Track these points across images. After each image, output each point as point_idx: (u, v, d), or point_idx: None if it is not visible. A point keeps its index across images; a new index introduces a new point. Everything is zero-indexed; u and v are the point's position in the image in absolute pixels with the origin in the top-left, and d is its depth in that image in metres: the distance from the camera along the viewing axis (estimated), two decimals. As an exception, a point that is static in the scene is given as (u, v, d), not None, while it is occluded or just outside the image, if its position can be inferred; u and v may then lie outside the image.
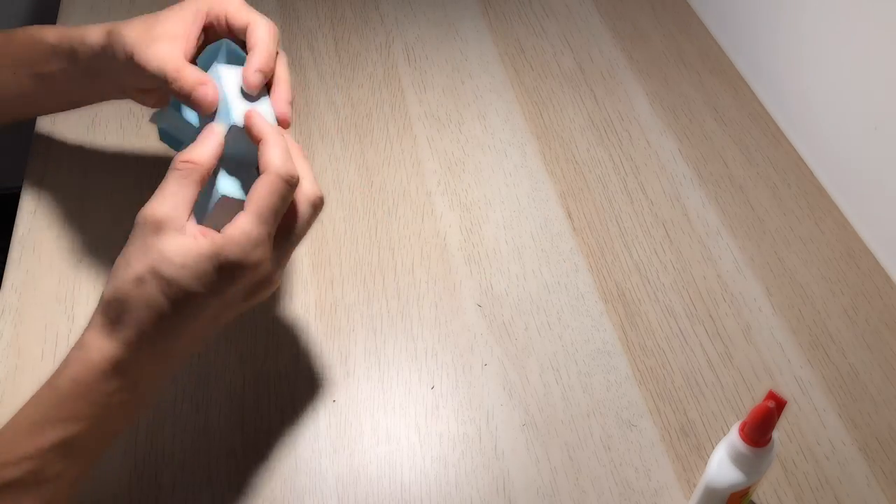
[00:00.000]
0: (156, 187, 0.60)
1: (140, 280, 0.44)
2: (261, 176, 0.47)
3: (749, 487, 0.49)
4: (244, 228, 0.46)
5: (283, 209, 0.48)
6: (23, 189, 0.71)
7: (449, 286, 0.67)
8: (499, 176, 0.76)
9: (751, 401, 0.61)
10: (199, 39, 0.56)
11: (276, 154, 0.48)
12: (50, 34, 0.60)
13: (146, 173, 0.72)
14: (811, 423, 0.60)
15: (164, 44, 0.54)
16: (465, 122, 0.81)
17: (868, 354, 0.64)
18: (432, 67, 0.86)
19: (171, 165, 0.47)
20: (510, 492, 0.55)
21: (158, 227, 0.45)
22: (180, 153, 0.48)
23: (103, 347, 0.45)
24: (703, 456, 0.57)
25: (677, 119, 0.82)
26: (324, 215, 0.71)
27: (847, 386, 0.62)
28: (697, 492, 0.51)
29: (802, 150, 0.80)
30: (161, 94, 0.62)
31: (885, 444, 0.59)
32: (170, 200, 0.46)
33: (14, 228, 0.68)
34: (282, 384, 0.60)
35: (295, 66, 0.85)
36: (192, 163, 0.47)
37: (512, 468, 0.56)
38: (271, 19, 0.57)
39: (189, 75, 0.53)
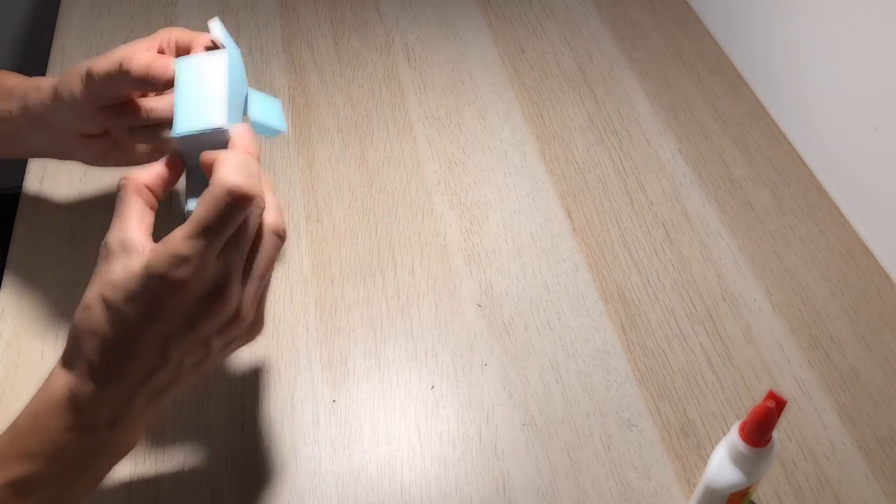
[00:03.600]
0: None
1: (86, 307, 0.43)
2: (209, 187, 0.44)
3: (749, 487, 0.49)
4: (170, 243, 0.42)
5: (224, 225, 0.43)
6: (23, 189, 0.71)
7: (449, 286, 0.67)
8: (499, 176, 0.76)
9: (751, 401, 0.61)
10: None
11: (224, 167, 0.44)
12: (10, 79, 0.60)
13: (146, 173, 0.72)
14: (811, 423, 0.60)
15: (118, 51, 0.54)
16: (465, 122, 0.81)
17: (868, 354, 0.64)
18: (432, 67, 0.86)
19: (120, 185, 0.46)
20: (510, 492, 0.55)
21: (108, 253, 0.44)
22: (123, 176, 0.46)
23: (59, 380, 0.43)
24: (703, 456, 0.57)
25: (677, 119, 0.82)
26: (324, 215, 0.71)
27: (847, 386, 0.62)
28: (697, 492, 0.51)
29: (802, 150, 0.80)
30: (106, 144, 0.61)
31: (885, 444, 0.59)
32: (115, 225, 0.45)
33: (14, 228, 0.68)
34: (282, 384, 0.60)
35: (295, 66, 0.85)
36: (123, 179, 0.46)
37: (512, 468, 0.56)
38: (271, 19, 0.57)
39: (142, 55, 0.51)
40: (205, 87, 0.49)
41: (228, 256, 0.44)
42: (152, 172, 0.47)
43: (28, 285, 0.64)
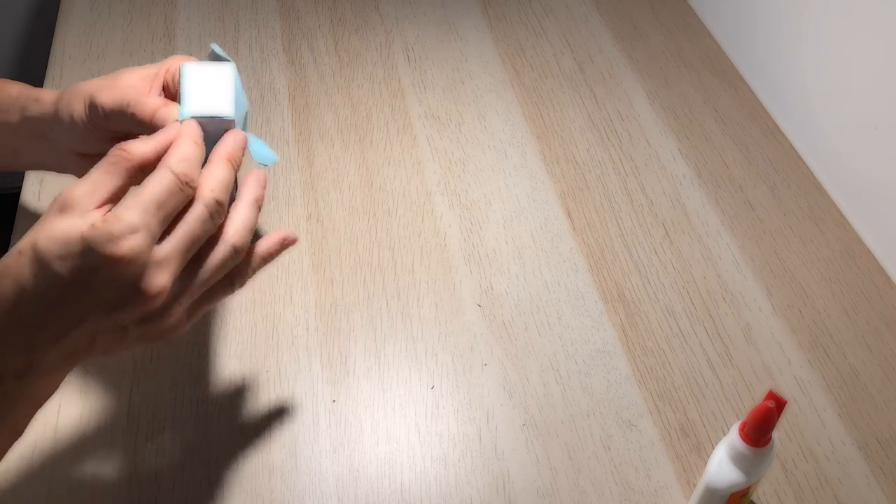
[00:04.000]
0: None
1: (18, 252, 0.42)
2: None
3: (749, 487, 0.49)
4: (116, 213, 0.42)
5: (164, 205, 0.43)
6: (23, 189, 0.71)
7: (449, 286, 0.67)
8: (499, 176, 0.76)
9: (751, 401, 0.61)
10: (160, 94, 0.55)
11: (176, 150, 0.44)
12: (12, 89, 0.59)
13: (146, 173, 0.72)
14: (811, 423, 0.60)
15: (124, 87, 0.53)
16: (465, 122, 0.81)
17: (868, 354, 0.64)
18: (432, 67, 0.86)
19: (120, 154, 0.45)
20: (510, 492, 0.55)
21: (62, 206, 0.42)
22: (140, 146, 0.45)
23: None
24: (703, 456, 0.57)
25: (677, 119, 0.82)
26: (324, 215, 0.71)
27: (847, 386, 0.62)
28: (697, 492, 0.51)
29: (802, 151, 0.80)
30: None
31: (885, 444, 0.59)
32: (86, 184, 0.43)
33: (14, 228, 0.68)
34: (281, 384, 0.60)
35: (295, 66, 0.85)
36: (124, 152, 0.44)
37: (512, 468, 0.56)
38: (271, 19, 0.57)
39: (150, 100, 0.51)
40: (212, 85, 0.49)
41: (175, 247, 0.44)
42: (155, 151, 0.46)
43: (28, 285, 0.64)
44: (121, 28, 0.87)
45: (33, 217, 0.69)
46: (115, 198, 0.44)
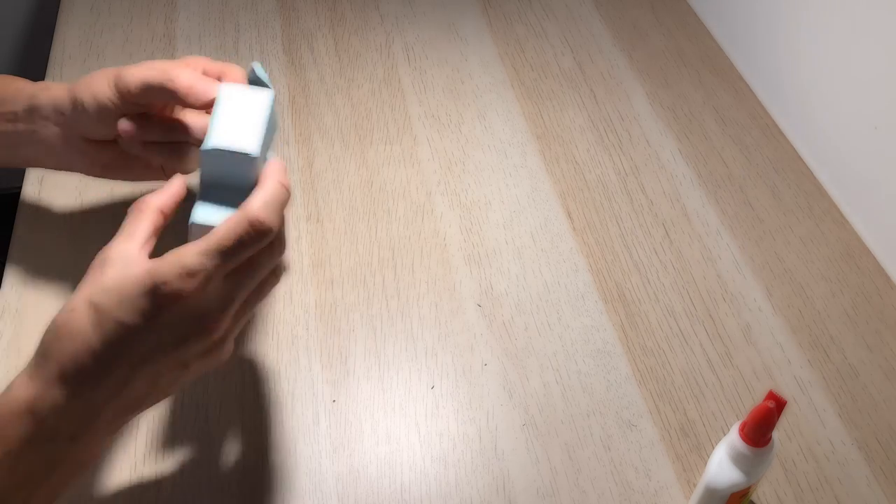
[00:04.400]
0: (155, 186, 0.59)
1: (70, 310, 0.42)
2: (236, 212, 0.44)
3: (749, 487, 0.49)
4: (181, 254, 0.42)
5: (237, 252, 0.43)
6: (23, 189, 0.71)
7: (449, 286, 0.67)
8: (499, 176, 0.76)
9: (751, 401, 0.61)
10: None
11: (258, 197, 0.44)
12: (18, 81, 0.59)
13: (146, 173, 0.72)
14: (811, 423, 0.60)
15: (153, 62, 0.54)
16: (465, 122, 0.81)
17: (868, 354, 0.64)
18: (432, 67, 0.86)
19: (136, 205, 0.47)
20: (510, 492, 0.55)
21: (104, 262, 0.43)
22: (142, 202, 0.47)
23: (22, 387, 0.42)
24: (703, 456, 0.57)
25: (677, 119, 0.82)
26: (324, 215, 0.71)
27: (847, 386, 0.62)
28: (697, 492, 0.51)
29: (802, 150, 0.80)
30: (111, 154, 0.60)
31: (885, 444, 0.59)
32: (119, 238, 0.45)
33: (14, 228, 0.68)
34: (281, 384, 0.60)
35: (295, 66, 0.85)
36: (143, 203, 0.46)
37: (512, 468, 0.56)
38: (271, 19, 0.58)
39: (186, 73, 0.51)
40: (244, 114, 0.49)
41: (238, 282, 0.44)
42: (170, 196, 0.47)
43: (28, 285, 0.64)
44: (121, 28, 0.87)
45: (34, 217, 0.69)
46: (149, 244, 0.45)
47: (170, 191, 0.48)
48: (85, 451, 0.44)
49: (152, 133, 0.57)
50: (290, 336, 0.63)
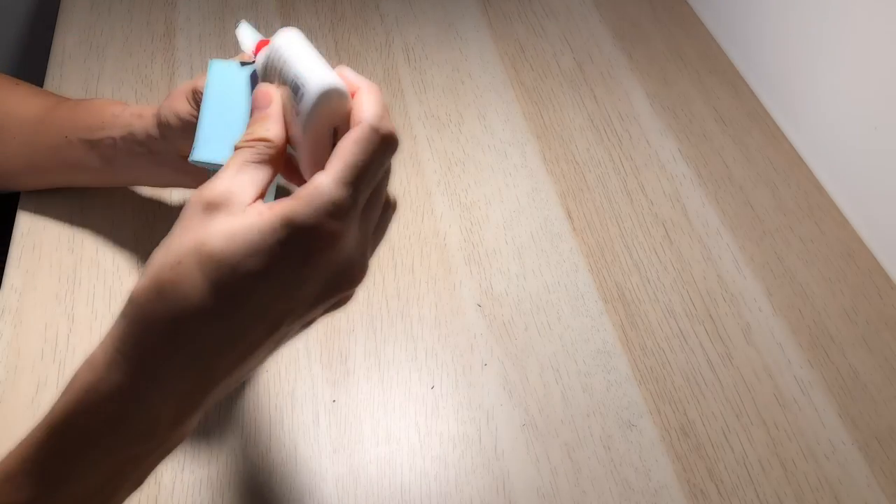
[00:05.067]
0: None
1: (177, 264, 0.33)
2: (353, 128, 0.36)
3: None
4: (319, 185, 0.34)
5: (374, 171, 0.36)
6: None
7: (449, 286, 0.67)
8: (499, 176, 0.76)
9: (751, 401, 0.61)
10: None
11: (371, 103, 0.36)
12: (115, 108, 0.60)
13: (146, 173, 0.72)
14: (811, 423, 0.60)
15: None
16: (465, 122, 0.81)
17: (868, 354, 0.64)
18: (432, 67, 0.86)
19: (238, 144, 0.38)
20: (510, 492, 0.55)
21: (208, 206, 0.34)
22: (249, 130, 0.38)
23: (107, 374, 0.33)
24: (703, 456, 0.57)
25: (677, 119, 0.82)
26: (324, 215, 0.71)
27: (847, 386, 0.62)
28: None
29: (802, 150, 0.80)
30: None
31: (885, 444, 0.59)
32: (230, 179, 0.35)
33: (14, 228, 0.68)
34: (281, 384, 0.60)
35: (295, 66, 0.85)
36: (263, 140, 0.37)
37: (512, 468, 0.56)
38: (271, 19, 0.57)
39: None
40: (230, 106, 0.46)
41: (369, 217, 0.37)
42: (283, 134, 0.39)
43: (28, 285, 0.64)
44: (121, 28, 0.87)
45: (34, 217, 0.69)
46: (262, 194, 0.36)
47: (281, 123, 0.39)
48: (179, 438, 0.37)
49: None
50: (290, 336, 0.63)
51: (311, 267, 0.34)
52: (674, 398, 0.61)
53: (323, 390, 0.60)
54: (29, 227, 0.68)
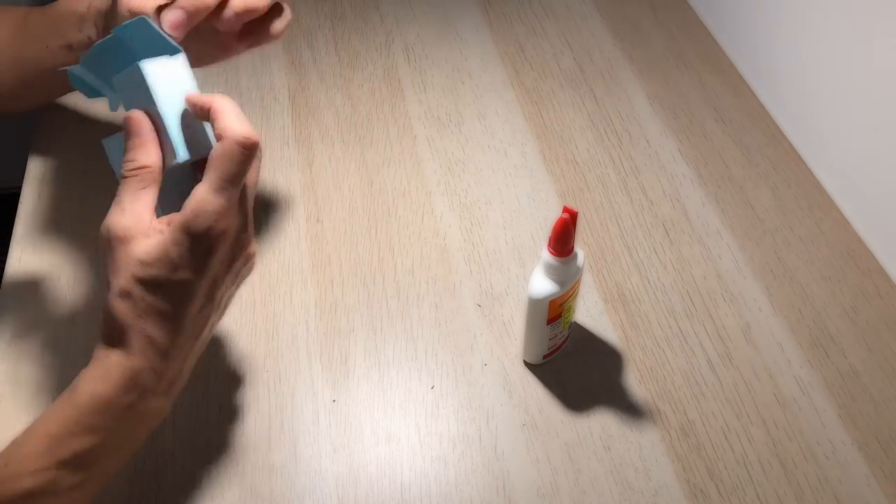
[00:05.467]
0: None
1: (125, 295, 0.45)
2: (219, 143, 0.46)
3: (565, 296, 0.56)
4: (201, 199, 0.45)
5: (241, 174, 0.46)
6: (23, 189, 0.71)
7: (449, 286, 0.67)
8: (499, 176, 0.76)
9: (751, 401, 0.61)
10: None
11: (230, 119, 0.46)
12: (80, 4, 0.60)
13: (146, 173, 0.72)
14: (811, 423, 0.60)
15: None
16: (465, 122, 0.81)
17: (868, 354, 0.64)
18: (432, 67, 0.86)
19: (122, 173, 0.47)
20: (510, 492, 0.55)
21: (124, 238, 0.45)
22: (127, 162, 0.47)
23: (116, 363, 0.45)
24: (703, 456, 0.57)
25: (677, 119, 0.82)
26: (324, 215, 0.71)
27: (847, 386, 0.62)
28: (525, 308, 0.57)
29: (802, 150, 0.80)
30: (201, 45, 0.59)
31: (885, 444, 0.59)
32: (128, 210, 0.46)
33: (14, 228, 0.68)
34: (281, 384, 0.60)
35: (295, 65, 0.85)
36: (145, 168, 0.47)
37: (512, 468, 0.56)
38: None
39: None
40: (179, 99, 0.49)
41: (247, 195, 0.48)
42: (158, 156, 0.48)
43: (28, 285, 0.64)
44: (121, 28, 0.87)
45: (33, 217, 0.69)
46: (154, 208, 0.47)
47: (156, 147, 0.48)
48: (174, 396, 0.49)
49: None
50: (290, 336, 0.63)
51: (213, 255, 0.46)
52: (674, 398, 0.61)
53: (323, 390, 0.60)
54: (29, 228, 0.68)
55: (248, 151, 0.46)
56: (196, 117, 0.49)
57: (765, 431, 0.59)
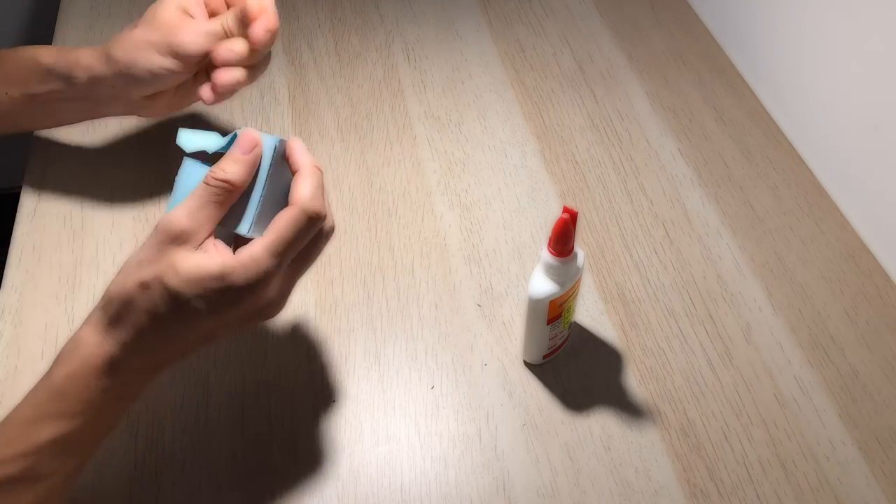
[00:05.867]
0: (156, 187, 0.60)
1: (145, 285, 0.45)
2: (287, 207, 0.47)
3: (564, 297, 0.55)
4: (255, 256, 0.45)
5: (299, 243, 0.47)
6: (23, 189, 0.71)
7: (449, 286, 0.67)
8: (499, 176, 0.76)
9: (751, 401, 0.61)
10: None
11: (307, 188, 0.47)
12: (46, 55, 0.61)
13: (146, 173, 0.72)
14: (811, 423, 0.60)
15: (187, 25, 0.58)
16: (465, 122, 0.81)
17: (868, 354, 0.64)
18: (432, 67, 0.86)
19: (205, 179, 0.47)
20: (510, 492, 0.55)
21: (177, 239, 0.45)
22: (216, 169, 0.47)
23: (100, 345, 0.45)
24: (703, 456, 0.57)
25: (677, 119, 0.82)
26: (324, 215, 0.71)
27: (847, 386, 0.62)
28: (525, 308, 0.57)
29: (802, 150, 0.80)
30: (169, 98, 0.63)
31: (885, 444, 0.59)
32: (195, 215, 0.46)
33: (14, 228, 0.68)
34: (281, 384, 0.60)
35: (295, 65, 0.85)
36: (228, 184, 0.46)
37: (512, 468, 0.56)
38: (271, 19, 0.58)
39: (238, 43, 0.58)
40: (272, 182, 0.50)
41: (297, 268, 0.49)
42: (246, 178, 0.48)
43: (28, 285, 0.64)
44: (120, 28, 0.87)
45: (33, 217, 0.69)
46: (213, 230, 0.47)
47: (249, 168, 0.48)
48: (148, 385, 0.49)
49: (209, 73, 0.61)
50: (290, 336, 0.63)
51: (236, 307, 0.46)
52: (674, 398, 0.61)
53: (323, 390, 0.60)
54: (29, 227, 0.68)
55: (312, 224, 0.47)
56: (281, 206, 0.49)
57: (765, 431, 0.59)
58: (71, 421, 0.45)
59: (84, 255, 0.66)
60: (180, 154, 0.49)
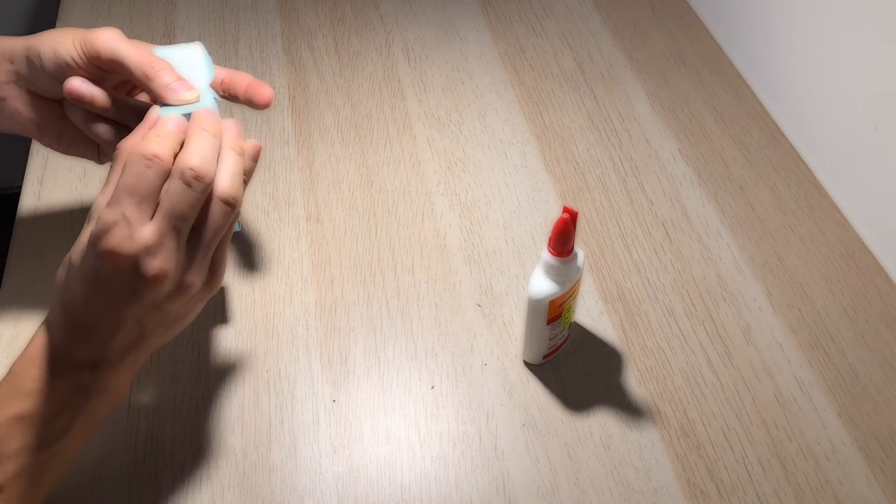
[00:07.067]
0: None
1: (62, 265, 0.47)
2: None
3: (564, 297, 0.55)
4: (98, 205, 0.45)
5: (138, 188, 0.44)
6: (23, 189, 0.71)
7: (449, 286, 0.67)
8: (499, 176, 0.76)
9: (751, 401, 0.61)
10: None
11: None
12: None
13: (146, 173, 0.72)
14: (811, 423, 0.60)
15: (133, 46, 0.52)
16: (465, 122, 0.81)
17: (868, 354, 0.64)
18: (432, 67, 0.86)
19: (116, 153, 0.46)
20: (510, 492, 0.55)
21: (90, 216, 0.46)
22: (128, 140, 0.46)
23: (40, 330, 0.48)
24: (703, 456, 0.57)
25: (677, 119, 0.82)
26: (324, 215, 0.71)
27: (847, 386, 0.62)
28: (525, 309, 0.57)
29: (802, 150, 0.80)
30: (60, 126, 0.57)
31: (885, 444, 0.59)
32: (103, 191, 0.46)
33: (14, 228, 0.68)
34: (281, 384, 0.60)
35: (295, 65, 0.85)
36: (154, 158, 0.44)
37: (512, 468, 0.56)
38: (271, 19, 0.58)
39: (166, 75, 0.51)
40: (184, 71, 0.52)
41: (154, 227, 0.44)
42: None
43: (28, 285, 0.64)
44: (120, 28, 0.87)
45: (33, 217, 0.69)
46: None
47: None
48: (110, 379, 0.48)
49: (101, 106, 0.53)
50: (290, 336, 0.63)
51: (102, 271, 0.44)
52: (674, 398, 0.61)
53: (323, 390, 0.60)
54: (29, 227, 0.68)
55: (149, 165, 0.44)
56: None
57: (765, 431, 0.59)
58: (28, 400, 0.46)
59: (84, 255, 0.66)
60: None
